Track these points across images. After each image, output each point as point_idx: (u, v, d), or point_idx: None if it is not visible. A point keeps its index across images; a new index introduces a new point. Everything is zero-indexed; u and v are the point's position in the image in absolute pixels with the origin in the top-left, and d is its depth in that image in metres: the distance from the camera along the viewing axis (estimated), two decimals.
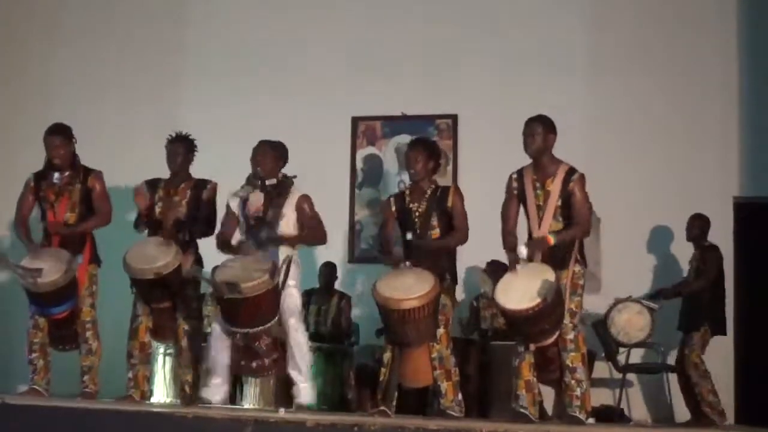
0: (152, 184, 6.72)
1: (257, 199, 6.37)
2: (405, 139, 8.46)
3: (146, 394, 6.62)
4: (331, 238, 8.87)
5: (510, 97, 8.70)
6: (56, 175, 6.68)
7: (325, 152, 9.09)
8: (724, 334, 7.77)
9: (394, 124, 9.17)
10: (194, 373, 6.59)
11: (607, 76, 8.82)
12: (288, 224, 6.39)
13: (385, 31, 9.20)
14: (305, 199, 6.48)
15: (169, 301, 6.46)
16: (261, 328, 6.12)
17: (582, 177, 5.76)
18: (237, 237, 6.43)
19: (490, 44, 8.99)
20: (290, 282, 6.29)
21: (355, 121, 9.27)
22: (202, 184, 6.73)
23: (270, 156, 6.49)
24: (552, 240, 5.62)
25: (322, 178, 9.04)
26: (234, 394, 8.25)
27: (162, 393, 7.51)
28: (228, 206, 6.49)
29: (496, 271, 6.47)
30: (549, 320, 5.55)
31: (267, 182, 6.44)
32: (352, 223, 9.22)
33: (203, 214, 6.69)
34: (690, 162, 8.58)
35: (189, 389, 6.54)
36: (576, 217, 5.71)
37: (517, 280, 5.59)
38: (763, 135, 8.58)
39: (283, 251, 6.30)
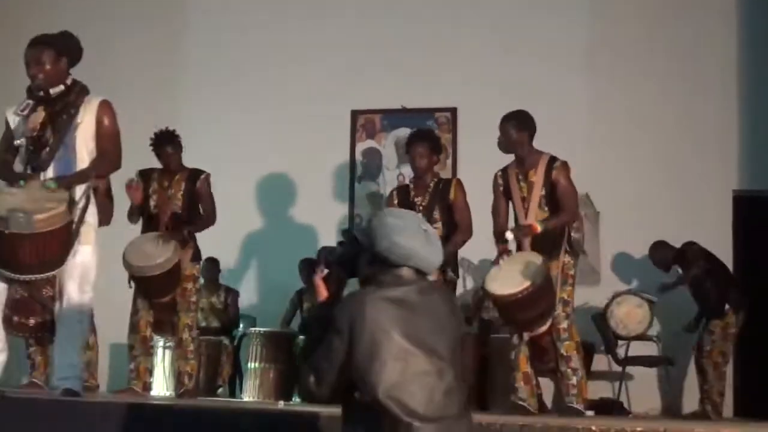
0: (145, 175, 6.68)
1: (37, 115, 5.04)
2: (405, 132, 8.45)
3: (147, 386, 6.64)
4: (332, 231, 8.93)
5: (509, 90, 8.68)
6: None
7: (325, 146, 9.09)
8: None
9: (394, 117, 9.16)
10: (198, 366, 6.63)
11: (607, 69, 8.81)
12: (86, 136, 5.06)
13: (385, 24, 9.19)
14: (106, 106, 5.13)
15: (170, 295, 6.46)
16: (50, 273, 4.93)
17: (564, 164, 5.82)
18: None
19: (490, 37, 8.97)
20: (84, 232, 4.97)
21: (355, 114, 9.26)
22: (196, 174, 6.69)
23: (47, 55, 5.06)
24: (538, 227, 5.67)
25: (322, 171, 9.07)
26: (233, 387, 8.30)
27: (161, 386, 7.52)
28: (7, 122, 5.21)
29: None
30: (539, 306, 5.60)
31: (51, 91, 5.06)
32: (351, 217, 9.21)
33: (206, 209, 6.66)
34: (689, 155, 8.56)
35: (188, 381, 6.56)
36: (563, 203, 5.77)
37: (506, 268, 5.64)
38: (762, 129, 8.57)
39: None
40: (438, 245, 3.06)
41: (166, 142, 6.62)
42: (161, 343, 7.57)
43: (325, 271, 3.16)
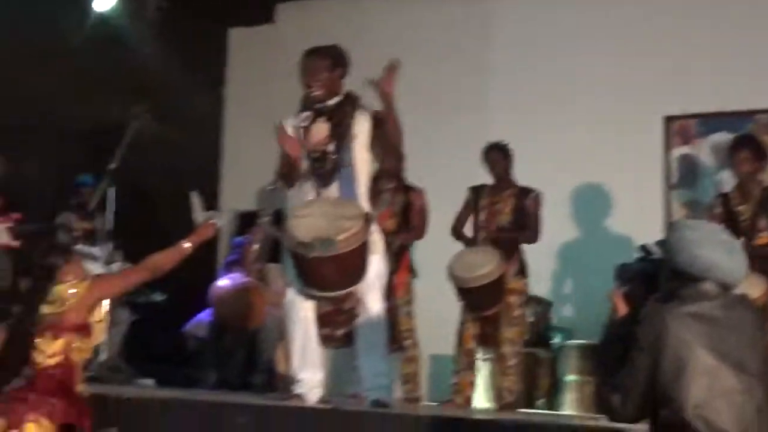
0: (476, 191, 6.90)
1: (320, 128, 5.05)
2: (723, 136, 8.10)
3: (469, 400, 6.79)
4: (649, 240, 8.66)
5: None
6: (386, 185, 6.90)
7: (637, 153, 8.88)
8: None
9: (711, 121, 8.78)
10: (518, 380, 6.69)
11: None
12: (362, 147, 5.08)
13: (700, 25, 8.84)
14: (377, 113, 5.05)
15: (494, 308, 6.59)
16: (355, 286, 4.95)
17: None
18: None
19: None
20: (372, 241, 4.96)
21: (669, 119, 8.97)
22: (526, 192, 6.82)
23: (322, 67, 5.08)
24: None
25: (633, 179, 8.85)
26: (552, 400, 8.24)
27: (482, 399, 7.65)
28: (283, 131, 5.11)
29: None
30: None
31: (329, 103, 5.08)
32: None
33: (532, 227, 6.76)
34: None
35: (507, 396, 6.64)
36: None
37: None
38: None
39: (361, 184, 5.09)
40: (741, 256, 2.92)
41: (495, 148, 6.85)
42: (479, 356, 7.71)
43: (624, 287, 3.16)
